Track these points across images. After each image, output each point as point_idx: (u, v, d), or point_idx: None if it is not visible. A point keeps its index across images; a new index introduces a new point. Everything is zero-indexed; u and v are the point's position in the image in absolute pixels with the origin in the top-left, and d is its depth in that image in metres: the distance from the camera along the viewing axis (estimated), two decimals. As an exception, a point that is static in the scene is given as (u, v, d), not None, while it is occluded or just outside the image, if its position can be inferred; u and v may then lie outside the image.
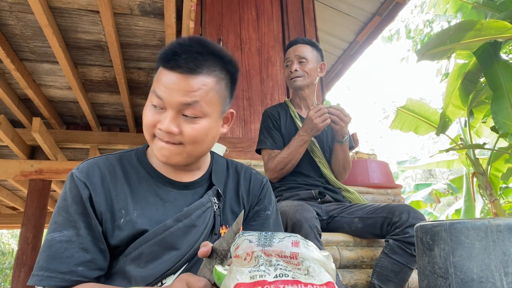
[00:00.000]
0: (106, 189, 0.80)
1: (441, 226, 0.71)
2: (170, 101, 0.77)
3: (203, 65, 0.78)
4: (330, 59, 5.31)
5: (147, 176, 0.86)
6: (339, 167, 1.85)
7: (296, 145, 1.73)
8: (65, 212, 0.77)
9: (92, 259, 0.75)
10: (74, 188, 0.78)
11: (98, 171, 0.81)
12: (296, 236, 0.56)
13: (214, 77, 0.80)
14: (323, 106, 1.70)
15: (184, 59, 0.77)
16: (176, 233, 0.79)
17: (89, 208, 0.77)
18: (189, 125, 0.79)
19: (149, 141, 0.83)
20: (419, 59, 2.98)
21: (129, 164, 0.87)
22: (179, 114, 0.78)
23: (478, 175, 3.68)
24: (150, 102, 0.80)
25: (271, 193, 1.00)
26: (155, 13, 2.04)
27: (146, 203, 0.82)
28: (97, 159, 0.85)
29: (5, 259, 12.96)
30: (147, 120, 0.80)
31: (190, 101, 0.77)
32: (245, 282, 0.53)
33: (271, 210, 0.96)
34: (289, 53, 1.91)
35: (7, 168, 3.23)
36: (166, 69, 0.78)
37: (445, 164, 5.25)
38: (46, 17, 1.86)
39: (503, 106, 2.90)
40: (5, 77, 2.58)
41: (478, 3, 3.52)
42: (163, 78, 0.78)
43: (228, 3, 3.74)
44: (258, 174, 0.99)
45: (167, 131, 0.77)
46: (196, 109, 0.78)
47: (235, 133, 3.37)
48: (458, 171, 9.71)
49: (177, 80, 0.77)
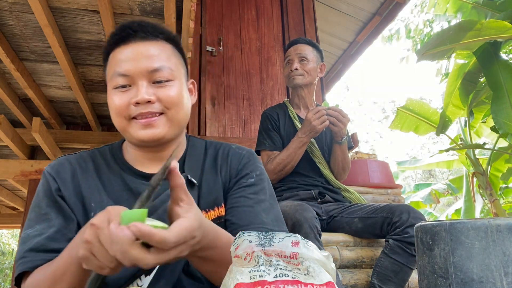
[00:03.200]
0: (76, 183, 0.80)
1: (441, 226, 0.71)
2: (138, 71, 0.76)
3: (152, 33, 0.80)
4: (330, 59, 5.31)
5: (120, 171, 0.84)
6: (338, 168, 1.86)
7: (295, 147, 1.73)
8: (37, 207, 0.78)
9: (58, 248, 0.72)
10: (45, 183, 0.80)
11: (69, 166, 0.82)
12: (296, 236, 0.56)
13: (168, 43, 0.82)
14: (321, 108, 1.70)
15: (134, 30, 0.78)
16: None
17: (59, 200, 0.78)
18: (163, 89, 0.78)
19: (124, 128, 0.79)
20: (419, 59, 2.98)
21: (103, 159, 0.86)
22: (150, 83, 0.77)
23: (478, 175, 3.68)
24: (112, 87, 0.78)
25: (256, 163, 0.91)
26: (155, 13, 2.04)
27: (118, 198, 0.81)
28: (69, 156, 0.85)
29: (5, 259, 12.97)
30: (118, 103, 0.77)
31: (157, 66, 0.77)
32: (245, 282, 0.53)
33: (255, 178, 0.87)
34: (290, 52, 1.92)
35: (7, 168, 3.22)
36: (122, 47, 0.79)
37: (445, 164, 5.25)
38: (46, 17, 1.86)
39: (503, 106, 2.90)
40: (5, 77, 2.58)
41: (478, 3, 3.52)
42: (121, 56, 0.78)
43: (228, 3, 3.74)
44: (238, 148, 0.93)
45: (145, 101, 0.75)
46: (165, 72, 0.78)
47: (235, 133, 3.37)
48: (458, 171, 9.71)
49: (137, 49, 0.77)
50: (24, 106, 2.98)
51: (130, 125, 0.78)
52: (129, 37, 0.78)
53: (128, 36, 0.79)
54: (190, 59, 2.21)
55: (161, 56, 0.79)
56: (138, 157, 0.86)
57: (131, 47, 0.78)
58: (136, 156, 0.86)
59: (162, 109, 0.78)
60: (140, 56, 0.77)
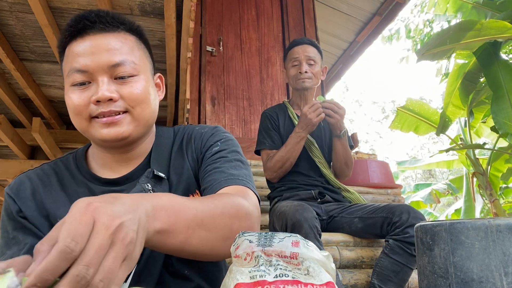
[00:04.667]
0: (38, 200, 0.76)
1: (441, 226, 0.71)
2: (98, 66, 0.69)
3: (111, 23, 0.73)
4: (330, 59, 5.31)
5: (85, 181, 0.79)
6: (341, 164, 1.84)
7: (293, 142, 1.73)
8: (6, 232, 0.74)
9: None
10: (7, 205, 0.76)
11: (29, 184, 0.77)
12: (296, 236, 0.56)
13: (130, 35, 0.76)
14: (316, 101, 1.72)
15: (91, 21, 0.71)
16: None
17: (22, 221, 0.74)
18: (126, 86, 0.71)
19: (85, 129, 0.73)
20: (419, 59, 2.98)
21: (67, 170, 0.81)
22: (111, 80, 0.71)
23: (478, 175, 3.68)
24: (69, 84, 0.71)
25: (219, 133, 0.85)
26: (155, 13, 2.04)
27: None
28: (29, 172, 0.80)
29: (5, 259, 12.97)
30: (77, 102, 0.70)
31: (118, 60, 0.70)
32: (245, 282, 0.53)
33: (220, 145, 0.81)
34: (297, 53, 1.87)
35: (7, 168, 3.22)
36: (78, 40, 0.71)
37: (445, 164, 5.25)
38: (46, 17, 1.86)
39: (503, 106, 2.90)
40: (5, 77, 2.58)
41: (478, 3, 3.52)
42: (78, 50, 0.70)
43: (228, 3, 3.74)
44: (201, 128, 0.86)
45: (106, 98, 0.68)
46: (128, 67, 0.72)
47: (235, 133, 3.38)
48: (458, 171, 9.71)
49: (96, 42, 0.70)
50: (24, 106, 2.98)
51: (91, 125, 0.72)
52: (86, 29, 0.71)
53: (85, 28, 0.71)
54: (190, 59, 2.21)
55: (123, 49, 0.72)
56: (105, 160, 0.80)
57: (89, 40, 0.70)
58: (104, 159, 0.80)
59: (126, 107, 0.72)
60: (99, 49, 0.70)
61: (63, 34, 0.74)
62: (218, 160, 0.79)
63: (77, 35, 0.71)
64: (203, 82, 3.38)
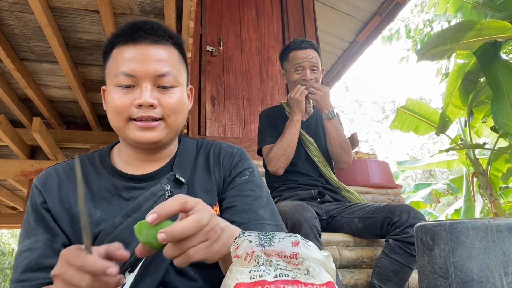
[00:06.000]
0: (63, 193, 0.80)
1: (441, 226, 0.71)
2: (145, 74, 0.76)
3: (163, 37, 0.80)
4: (330, 59, 5.31)
5: (109, 177, 0.84)
6: (337, 147, 1.80)
7: (289, 127, 1.76)
8: (27, 223, 0.79)
9: (51, 264, 0.71)
10: (33, 197, 0.80)
11: (56, 177, 0.82)
12: (296, 236, 0.56)
13: (174, 48, 0.82)
14: (298, 86, 1.83)
15: (146, 32, 0.78)
16: (127, 229, 0.75)
17: (45, 213, 0.78)
18: (166, 95, 0.78)
19: (121, 128, 0.78)
20: (419, 59, 2.98)
21: (91, 166, 0.86)
22: (154, 87, 0.77)
23: (478, 175, 3.68)
24: (114, 84, 0.77)
25: (247, 160, 0.91)
26: (155, 13, 2.04)
27: (108, 204, 0.80)
28: (57, 166, 0.85)
29: (5, 259, 12.97)
30: (120, 103, 0.76)
31: (164, 71, 0.77)
32: (245, 282, 0.53)
33: (248, 174, 0.88)
34: (300, 58, 1.84)
35: (7, 168, 3.22)
36: (130, 46, 0.77)
37: (445, 164, 5.25)
38: (46, 17, 1.86)
39: (503, 106, 2.90)
40: (5, 77, 2.58)
41: (478, 3, 3.52)
42: (128, 55, 0.77)
43: (228, 3, 3.74)
44: (229, 147, 0.93)
45: (148, 104, 0.75)
46: (171, 78, 0.78)
47: (235, 133, 3.37)
48: (458, 171, 9.71)
49: (147, 52, 0.77)
50: (24, 106, 2.98)
51: (127, 126, 0.78)
52: (140, 38, 0.77)
53: (140, 37, 0.78)
54: (190, 59, 2.21)
55: (169, 62, 0.79)
56: (131, 158, 0.85)
57: (141, 48, 0.77)
58: (129, 157, 0.85)
59: (163, 115, 0.78)
60: (149, 59, 0.76)
61: (115, 37, 0.80)
62: (249, 193, 0.85)
63: (130, 41, 0.78)
64: (203, 82, 3.38)
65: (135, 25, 0.79)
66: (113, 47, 0.80)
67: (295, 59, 1.86)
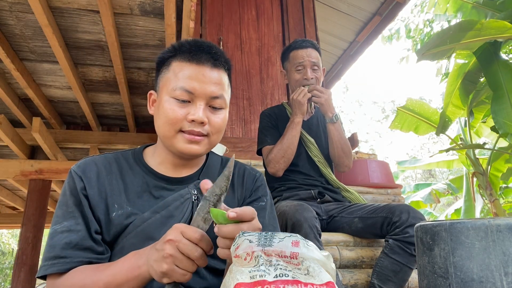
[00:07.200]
0: (101, 183, 0.85)
1: (441, 226, 0.71)
2: (202, 93, 0.83)
3: (221, 62, 0.88)
4: (330, 59, 5.31)
5: (142, 174, 0.89)
6: (338, 151, 1.80)
7: (290, 129, 1.76)
8: (65, 205, 0.82)
9: (90, 246, 0.78)
10: (72, 182, 0.84)
11: (95, 167, 0.87)
12: (296, 236, 0.56)
13: (226, 73, 0.91)
14: (301, 87, 1.82)
15: (211, 55, 0.86)
16: (154, 224, 0.81)
17: (83, 199, 0.82)
18: (215, 115, 0.86)
19: (169, 137, 0.85)
20: (419, 59, 2.98)
21: (126, 162, 0.91)
22: (206, 106, 0.85)
23: (478, 175, 3.68)
24: (172, 96, 0.83)
25: (266, 186, 1.00)
26: (155, 13, 2.04)
27: (139, 199, 0.85)
28: (95, 157, 0.90)
29: (5, 259, 12.97)
30: (174, 115, 0.83)
31: (218, 94, 0.85)
32: (245, 282, 0.53)
33: (265, 202, 0.97)
34: (301, 57, 1.84)
35: (7, 168, 3.23)
36: (193, 64, 0.84)
37: (445, 164, 5.25)
38: (46, 17, 1.86)
39: (503, 106, 2.90)
40: (5, 77, 2.58)
41: (478, 3, 3.52)
42: (191, 73, 0.84)
43: (228, 3, 3.74)
44: (252, 170, 1.02)
45: (201, 121, 0.82)
46: (222, 101, 0.87)
47: (235, 133, 3.37)
48: (458, 171, 9.71)
49: (208, 74, 0.85)
50: (24, 106, 2.98)
51: (176, 137, 0.84)
52: (203, 59, 0.84)
53: (203, 58, 0.85)
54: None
55: (223, 86, 0.87)
56: (165, 160, 0.91)
57: (203, 69, 0.84)
58: (164, 159, 0.91)
59: (208, 132, 0.85)
60: (209, 80, 0.84)
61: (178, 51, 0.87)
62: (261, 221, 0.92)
63: (194, 60, 0.85)
64: (203, 82, 3.37)
65: (201, 46, 0.86)
66: (173, 60, 0.87)
67: (296, 58, 1.86)
